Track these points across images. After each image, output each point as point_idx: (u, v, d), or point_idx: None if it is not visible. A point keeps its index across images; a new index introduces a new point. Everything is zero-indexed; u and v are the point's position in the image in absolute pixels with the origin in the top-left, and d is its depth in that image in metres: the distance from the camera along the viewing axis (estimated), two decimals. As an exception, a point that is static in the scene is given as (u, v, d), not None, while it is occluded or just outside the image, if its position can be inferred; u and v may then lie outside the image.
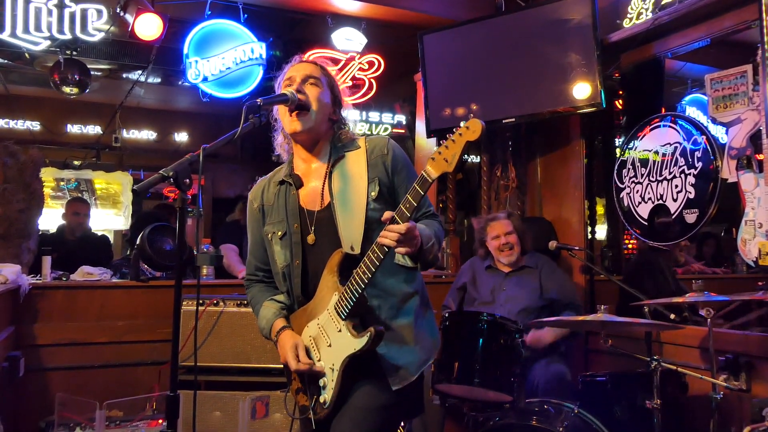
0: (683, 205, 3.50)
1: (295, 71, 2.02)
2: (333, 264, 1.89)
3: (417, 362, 1.94)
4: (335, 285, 1.87)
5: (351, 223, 1.92)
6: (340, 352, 1.85)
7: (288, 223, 2.01)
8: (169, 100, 8.85)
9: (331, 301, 1.89)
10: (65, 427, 3.02)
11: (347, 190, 1.96)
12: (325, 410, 1.89)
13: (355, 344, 1.81)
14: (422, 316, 2.01)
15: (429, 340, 2.01)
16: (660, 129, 3.72)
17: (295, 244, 1.99)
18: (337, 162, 2.01)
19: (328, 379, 1.89)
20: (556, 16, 3.92)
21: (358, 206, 1.93)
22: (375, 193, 1.94)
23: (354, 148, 2.04)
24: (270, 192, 2.10)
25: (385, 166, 1.99)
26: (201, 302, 3.19)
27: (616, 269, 5.49)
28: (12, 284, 3.15)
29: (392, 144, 2.05)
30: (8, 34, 4.40)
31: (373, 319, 1.89)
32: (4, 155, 3.63)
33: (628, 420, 2.81)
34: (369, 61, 5.25)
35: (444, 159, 1.71)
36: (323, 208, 1.98)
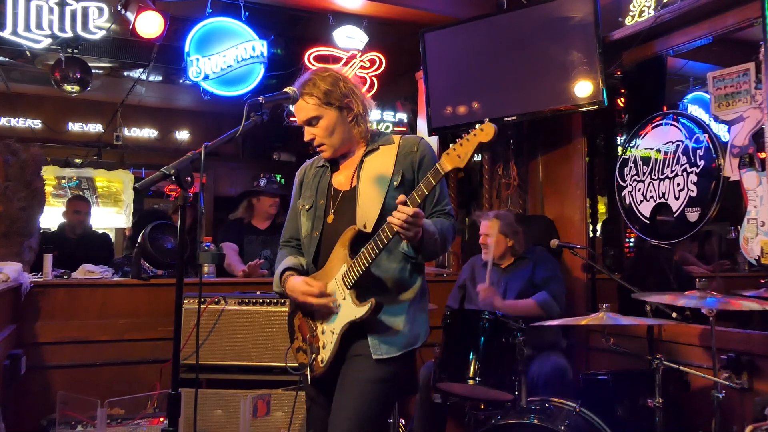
0: (685, 204, 3.50)
1: (297, 115, 2.19)
2: (346, 238, 2.08)
3: (401, 342, 2.10)
4: (345, 257, 2.07)
5: (370, 205, 2.10)
6: (342, 318, 2.07)
7: (316, 198, 2.23)
8: (171, 98, 8.85)
9: (340, 272, 2.09)
10: (67, 425, 3.02)
11: (373, 177, 2.15)
12: (322, 368, 2.11)
13: (356, 312, 2.02)
14: (417, 307, 2.18)
15: (417, 330, 2.16)
16: (662, 127, 3.71)
17: (317, 218, 2.20)
18: (370, 153, 2.21)
19: (328, 341, 2.10)
20: (558, 14, 3.91)
21: (379, 193, 2.12)
22: (397, 183, 2.13)
23: (388, 143, 2.23)
24: (311, 172, 2.33)
25: (412, 162, 2.17)
26: (202, 300, 3.19)
27: (618, 267, 5.48)
28: (13, 282, 3.15)
29: (423, 143, 2.23)
30: (9, 32, 4.40)
31: (375, 294, 2.05)
32: (6, 153, 3.63)
33: (630, 419, 2.81)
34: (370, 59, 5.24)
35: (457, 155, 1.88)
36: (350, 189, 2.18)
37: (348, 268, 2.05)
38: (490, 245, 3.55)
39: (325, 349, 2.11)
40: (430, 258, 2.19)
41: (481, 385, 2.80)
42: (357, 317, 2.02)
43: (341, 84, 2.17)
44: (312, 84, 2.16)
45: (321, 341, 2.13)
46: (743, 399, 2.89)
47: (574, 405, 2.76)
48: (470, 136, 1.87)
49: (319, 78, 2.16)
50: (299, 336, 2.25)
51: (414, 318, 2.15)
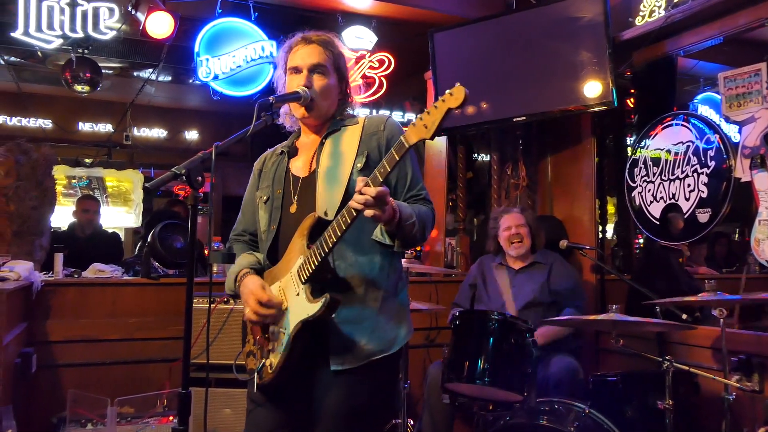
0: (696, 205, 3.48)
1: (301, 59, 1.99)
2: (304, 227, 1.86)
3: (365, 351, 1.84)
4: (302, 248, 1.83)
5: (331, 191, 1.90)
6: (293, 317, 1.81)
7: (272, 189, 2.03)
8: (180, 98, 8.89)
9: (296, 264, 1.84)
10: (77, 423, 3.03)
11: (334, 161, 1.95)
12: (270, 375, 1.85)
13: (309, 309, 1.76)
14: (389, 307, 1.91)
15: (388, 336, 1.89)
16: (672, 128, 3.69)
17: (275, 209, 1.99)
18: (331, 134, 2.01)
19: (278, 343, 1.84)
20: (568, 13, 3.90)
21: (342, 176, 1.91)
22: (361, 165, 1.91)
23: (352, 123, 2.03)
24: (270, 160, 2.13)
25: (378, 142, 1.96)
26: (211, 300, 3.19)
27: (627, 268, 5.46)
28: (25, 281, 3.17)
29: (390, 121, 2.03)
30: (21, 32, 4.43)
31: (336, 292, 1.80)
32: (17, 153, 3.65)
33: (640, 420, 2.79)
34: (379, 60, 5.25)
35: (424, 125, 1.64)
36: (308, 175, 1.97)
37: (304, 260, 1.80)
38: (525, 236, 3.53)
39: (274, 353, 1.85)
40: (409, 245, 1.89)
41: (490, 385, 2.79)
42: (309, 315, 1.75)
43: (345, 57, 2.11)
44: (329, 40, 2.03)
45: (270, 344, 1.87)
46: (754, 401, 2.87)
47: (584, 406, 2.75)
48: (438, 103, 1.62)
49: (335, 40, 2.06)
50: (250, 338, 2.00)
51: (387, 319, 1.89)
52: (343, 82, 2.07)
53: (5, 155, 3.62)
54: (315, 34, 2.03)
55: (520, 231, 3.55)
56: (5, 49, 6.50)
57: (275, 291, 1.90)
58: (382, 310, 1.89)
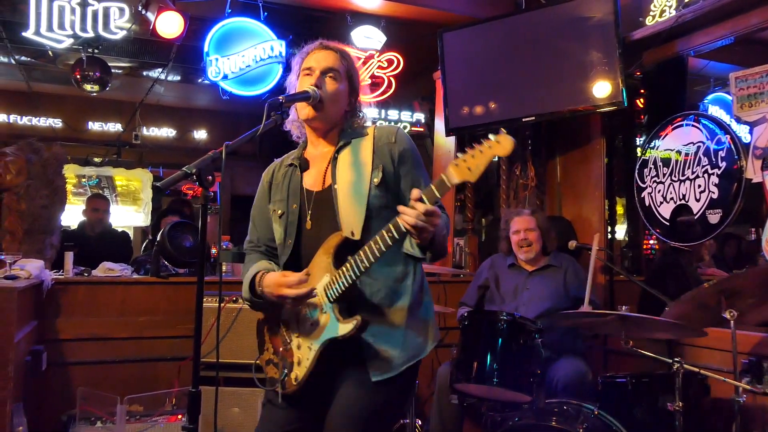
0: (706, 206, 3.46)
1: (315, 62, 2.00)
2: (330, 246, 1.87)
3: (401, 358, 1.88)
4: (329, 266, 1.85)
5: (352, 208, 1.90)
6: (321, 334, 1.85)
7: (288, 203, 2.02)
8: (189, 97, 8.93)
9: (322, 282, 1.86)
10: (87, 421, 3.05)
11: (350, 175, 1.95)
12: (294, 386, 1.89)
13: (339, 329, 1.80)
14: (415, 314, 1.94)
15: (418, 341, 1.93)
16: (683, 128, 3.67)
17: (290, 224, 1.99)
18: (343, 147, 2.00)
19: (304, 357, 1.89)
20: (577, 13, 3.89)
21: (361, 192, 1.91)
22: (378, 180, 1.92)
23: (362, 135, 2.03)
24: (279, 172, 2.11)
25: (391, 154, 1.97)
26: (221, 299, 3.20)
27: (636, 269, 5.44)
28: (35, 279, 3.18)
29: (401, 133, 2.03)
30: (32, 32, 4.47)
31: (363, 307, 1.85)
32: (28, 152, 3.67)
33: (649, 422, 2.77)
34: (388, 59, 5.25)
35: (468, 168, 1.65)
36: (323, 189, 1.97)
37: (331, 279, 1.83)
38: (534, 241, 3.51)
39: (300, 366, 1.89)
40: (439, 256, 1.89)
41: (498, 386, 2.79)
42: (340, 335, 1.79)
43: (359, 74, 2.11)
44: (347, 52, 2.05)
45: (296, 356, 1.91)
46: (765, 403, 2.85)
47: (593, 407, 2.74)
48: (484, 147, 1.62)
49: (349, 52, 2.07)
50: (270, 347, 2.03)
51: (415, 326, 1.93)
52: (354, 95, 2.06)
53: (16, 154, 3.64)
54: (333, 43, 2.05)
55: (529, 236, 3.52)
56: (16, 49, 6.56)
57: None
58: (410, 318, 1.92)
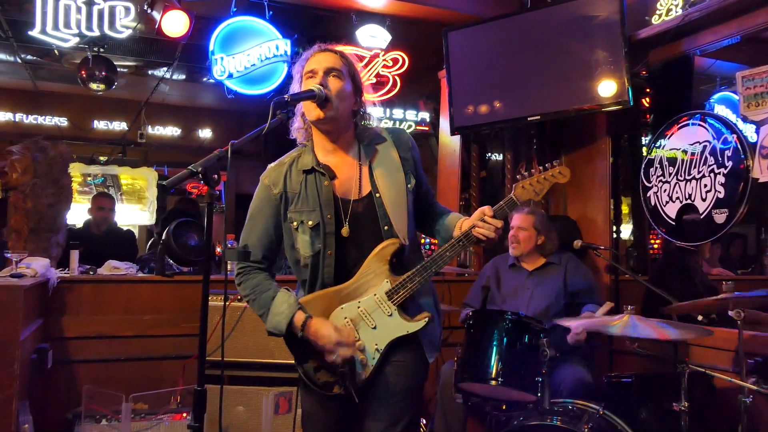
0: (712, 205, 3.45)
1: (317, 63, 2.00)
2: (387, 253, 1.99)
3: (439, 336, 2.16)
4: (386, 273, 2.00)
5: (398, 214, 2.02)
6: (388, 333, 2.00)
7: (322, 213, 2.00)
8: (194, 96, 8.94)
9: (381, 287, 2.00)
10: (92, 419, 3.06)
11: (389, 182, 2.04)
12: (362, 382, 2.00)
13: (409, 327, 2.00)
14: (438, 305, 2.19)
15: (439, 323, 2.18)
16: (689, 127, 3.66)
17: (328, 234, 2.00)
18: (372, 156, 2.08)
19: (369, 357, 2.00)
20: (583, 12, 3.87)
21: (401, 198, 2.04)
22: (412, 186, 2.08)
23: (381, 140, 2.12)
24: (293, 179, 2.05)
25: (414, 159, 2.13)
26: (226, 297, 3.20)
27: (642, 269, 5.42)
28: (41, 278, 3.20)
29: (412, 141, 2.19)
30: (38, 31, 4.48)
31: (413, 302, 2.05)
32: (34, 150, 3.68)
33: (655, 422, 2.77)
34: (393, 58, 5.25)
35: (534, 191, 2.07)
36: (360, 198, 2.03)
37: (397, 285, 1.98)
38: (522, 239, 3.51)
39: (366, 366, 2.00)
40: None
41: (503, 385, 2.78)
42: (410, 332, 2.00)
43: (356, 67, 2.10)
44: (346, 54, 2.07)
45: (360, 358, 1.99)
46: (771, 404, 2.84)
47: (598, 407, 2.73)
48: (548, 175, 2.07)
49: (348, 54, 2.09)
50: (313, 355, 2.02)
51: (437, 310, 2.17)
52: (358, 94, 2.08)
53: (22, 153, 3.65)
54: (332, 45, 2.07)
55: (518, 234, 3.51)
56: (22, 48, 6.58)
57: (352, 311, 2.02)
58: (435, 300, 2.16)
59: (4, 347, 2.65)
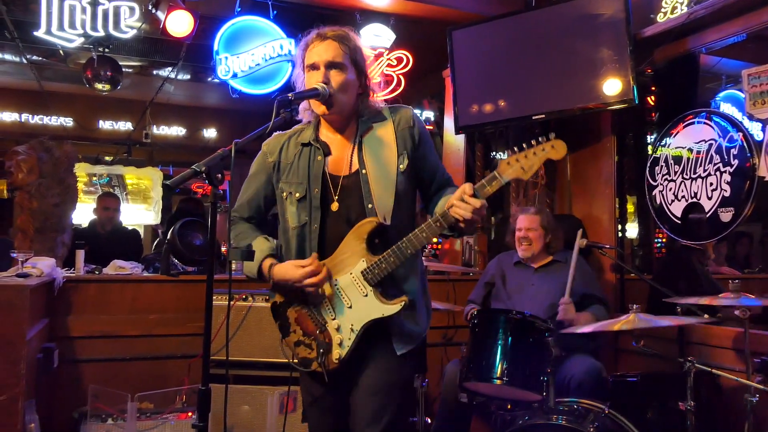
0: (718, 204, 3.43)
1: (318, 56, 2.00)
2: (363, 231, 1.95)
3: (419, 332, 2.05)
4: (363, 251, 1.95)
5: (383, 194, 1.98)
6: (363, 315, 1.95)
7: (309, 187, 2.04)
8: (199, 96, 8.95)
9: (357, 266, 1.96)
10: (98, 418, 3.07)
11: (377, 161, 2.01)
12: (336, 365, 1.98)
13: (384, 310, 1.93)
14: (425, 292, 2.12)
15: (426, 316, 2.11)
16: (694, 126, 3.64)
17: (314, 208, 2.03)
18: (365, 133, 2.06)
19: (345, 337, 1.98)
20: (587, 10, 3.86)
21: (389, 178, 1.99)
22: (404, 167, 2.02)
23: (380, 119, 2.09)
24: (290, 150, 2.11)
25: (412, 137, 2.06)
26: (230, 297, 3.21)
27: (647, 268, 5.41)
28: (47, 277, 3.21)
29: (416, 115, 2.11)
30: (44, 31, 4.49)
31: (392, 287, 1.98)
32: (40, 150, 3.70)
33: (660, 421, 2.76)
34: (397, 57, 5.24)
35: (521, 167, 1.84)
36: (350, 174, 2.02)
37: (372, 265, 1.93)
38: (534, 239, 3.51)
39: (342, 346, 1.98)
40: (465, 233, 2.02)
41: (508, 385, 2.78)
42: (385, 315, 1.93)
43: (363, 51, 2.11)
44: (345, 34, 2.04)
45: (336, 337, 1.99)
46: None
47: (603, 407, 2.72)
48: (538, 150, 1.83)
49: (351, 33, 2.06)
50: (297, 329, 2.08)
51: (425, 303, 2.10)
52: (362, 76, 2.07)
53: (28, 153, 3.66)
54: (330, 30, 2.04)
55: (529, 234, 3.52)
56: (28, 48, 6.59)
57: (329, 289, 2.00)
58: (422, 295, 2.08)
59: (10, 346, 2.67)
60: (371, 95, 2.10)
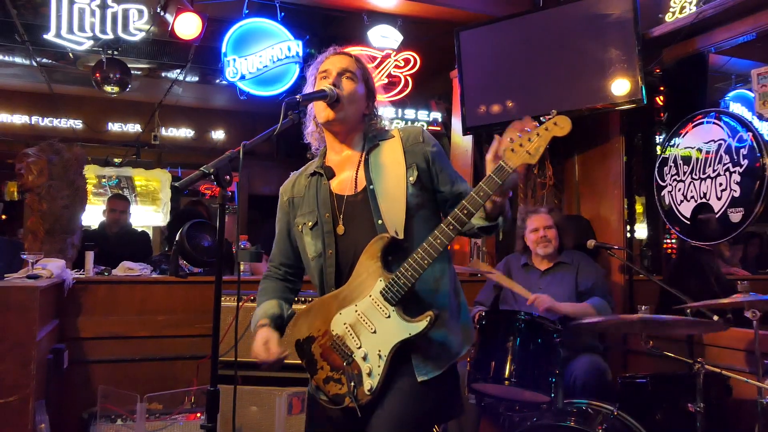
0: (728, 204, 3.41)
1: (331, 64, 2.00)
2: (376, 249, 1.84)
3: (448, 355, 1.89)
4: (378, 270, 1.83)
5: (392, 208, 1.89)
6: (389, 338, 1.81)
7: (319, 213, 1.98)
8: (207, 98, 8.99)
9: (375, 288, 1.83)
10: (107, 419, 3.08)
11: (385, 176, 1.94)
12: (368, 397, 1.83)
13: (410, 329, 1.78)
14: (454, 313, 1.95)
15: (457, 339, 1.93)
16: (703, 126, 3.62)
17: (327, 233, 1.96)
18: (372, 150, 2.00)
19: (374, 365, 1.83)
20: (596, 10, 3.85)
21: (398, 191, 1.91)
22: (413, 179, 1.93)
23: (388, 137, 2.03)
24: (300, 184, 2.09)
25: (423, 153, 1.97)
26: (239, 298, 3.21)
27: (656, 269, 5.38)
28: (57, 279, 3.23)
29: (426, 133, 2.04)
30: (53, 34, 4.53)
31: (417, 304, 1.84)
32: (50, 153, 3.72)
33: (670, 423, 2.74)
34: (405, 59, 5.25)
35: (527, 151, 1.69)
36: (356, 193, 1.95)
37: (389, 283, 1.80)
38: (552, 237, 3.49)
39: (372, 377, 1.82)
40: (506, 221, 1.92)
41: (516, 386, 2.77)
42: (412, 334, 1.77)
43: (374, 79, 2.11)
44: (361, 57, 2.06)
45: (364, 367, 1.84)
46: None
47: (612, 408, 2.71)
48: (541, 130, 1.68)
49: (361, 57, 2.08)
50: (324, 365, 1.94)
51: (455, 323, 1.93)
52: (371, 98, 2.06)
53: (38, 155, 3.69)
54: (347, 48, 2.06)
55: (548, 233, 3.50)
56: (38, 51, 6.64)
57: (350, 316, 1.89)
58: (450, 317, 1.92)
59: (21, 347, 2.68)
60: (377, 120, 2.07)
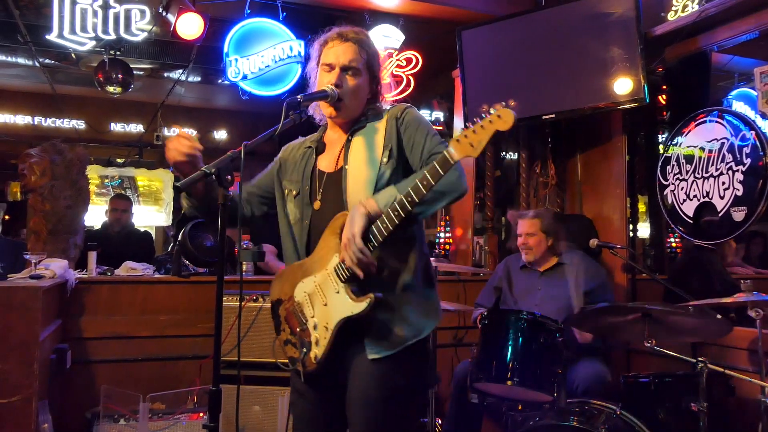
0: (731, 203, 3.40)
1: (335, 58, 2.00)
2: (336, 225, 1.89)
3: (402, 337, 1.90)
4: (336, 246, 1.87)
5: (360, 187, 1.93)
6: (335, 313, 1.87)
7: (302, 184, 2.07)
8: (209, 98, 9.00)
9: (331, 262, 1.89)
10: (110, 419, 3.08)
11: (362, 157, 1.98)
12: (314, 365, 1.93)
13: (353, 308, 1.82)
14: (419, 292, 1.95)
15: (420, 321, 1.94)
16: (706, 124, 3.62)
17: (305, 205, 2.04)
18: (357, 130, 2.04)
19: (321, 336, 1.91)
20: (598, 9, 3.84)
21: (370, 174, 1.94)
22: (386, 159, 1.95)
23: (377, 118, 2.05)
24: (298, 152, 2.16)
25: (398, 129, 1.99)
26: (241, 298, 3.22)
27: (659, 268, 5.37)
28: (59, 279, 3.23)
29: (408, 108, 2.05)
30: (56, 35, 4.53)
31: (370, 285, 1.84)
32: (53, 153, 3.73)
33: (673, 423, 2.74)
34: (407, 58, 5.24)
35: (470, 143, 1.65)
36: (335, 171, 2.02)
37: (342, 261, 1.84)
38: (534, 245, 3.49)
39: (318, 346, 1.92)
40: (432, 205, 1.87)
41: (519, 385, 2.77)
42: (354, 314, 1.82)
43: (379, 56, 2.12)
44: (365, 39, 2.05)
45: (313, 336, 1.93)
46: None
47: (615, 407, 2.71)
48: (485, 122, 1.63)
49: (370, 39, 2.08)
50: (286, 328, 2.05)
51: (417, 305, 1.94)
52: (374, 82, 2.07)
53: (41, 155, 3.70)
54: (352, 31, 2.04)
55: (528, 241, 3.49)
56: (40, 52, 6.66)
57: (310, 286, 1.96)
58: (412, 298, 1.93)
59: (24, 348, 2.69)
60: (380, 99, 2.10)
